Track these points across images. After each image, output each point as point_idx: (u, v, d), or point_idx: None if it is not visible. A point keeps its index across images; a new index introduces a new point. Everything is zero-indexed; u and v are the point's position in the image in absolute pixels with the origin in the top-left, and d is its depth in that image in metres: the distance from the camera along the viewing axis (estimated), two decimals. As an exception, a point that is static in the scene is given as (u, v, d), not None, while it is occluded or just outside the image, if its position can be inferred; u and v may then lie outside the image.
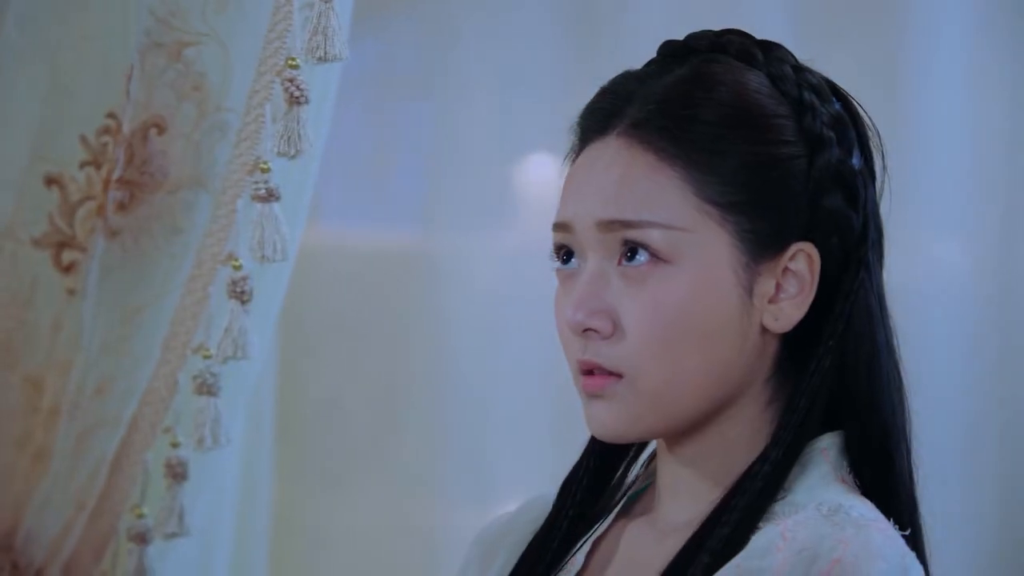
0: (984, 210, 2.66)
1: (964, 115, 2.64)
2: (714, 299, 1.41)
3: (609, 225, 1.42)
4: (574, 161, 1.51)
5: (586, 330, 1.42)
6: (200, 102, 1.99)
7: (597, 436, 1.47)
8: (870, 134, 1.50)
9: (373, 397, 2.60)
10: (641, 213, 1.41)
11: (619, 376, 1.42)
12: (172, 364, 2.07)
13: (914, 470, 1.46)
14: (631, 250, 1.41)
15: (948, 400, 2.60)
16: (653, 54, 2.49)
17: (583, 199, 1.45)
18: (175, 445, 2.09)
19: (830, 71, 1.48)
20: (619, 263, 1.42)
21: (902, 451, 1.46)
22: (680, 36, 2.56)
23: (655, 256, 1.40)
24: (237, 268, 1.98)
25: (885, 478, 1.44)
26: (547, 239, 2.64)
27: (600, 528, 1.55)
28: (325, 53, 1.86)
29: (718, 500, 1.43)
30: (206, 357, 2.03)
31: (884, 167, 1.50)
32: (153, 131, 2.00)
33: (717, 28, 2.55)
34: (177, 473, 2.08)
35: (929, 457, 1.48)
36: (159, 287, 2.05)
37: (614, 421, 1.43)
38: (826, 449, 1.44)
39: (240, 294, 1.98)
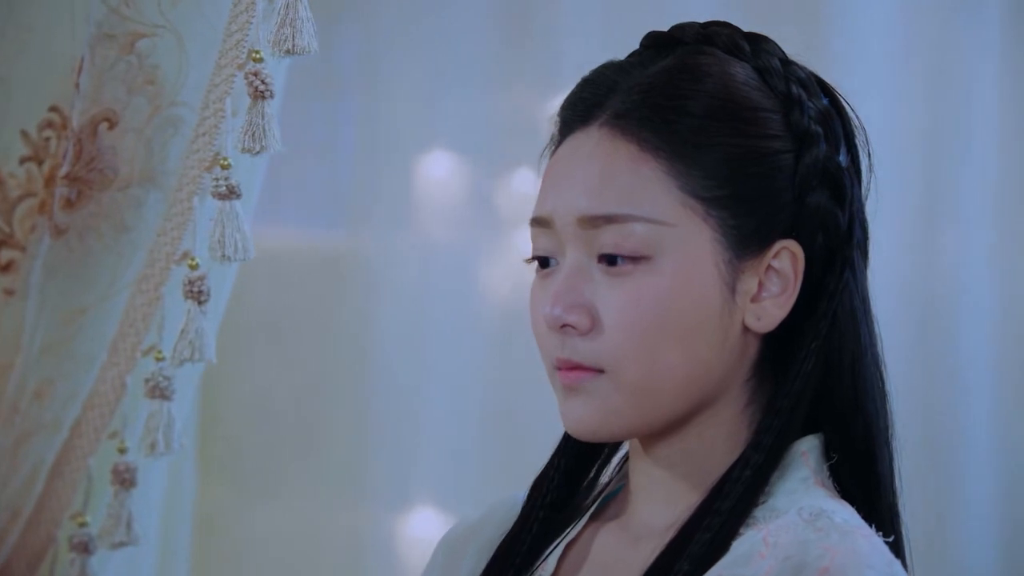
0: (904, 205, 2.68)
1: (884, 112, 2.65)
2: (696, 295, 1.37)
3: (591, 221, 1.38)
4: (554, 153, 1.46)
5: (564, 326, 1.38)
6: (153, 96, 1.93)
7: (572, 433, 1.43)
8: (856, 131, 1.47)
9: (298, 399, 2.55)
10: (623, 206, 1.37)
11: (598, 371, 1.38)
12: (120, 367, 2.00)
13: (895, 477, 1.44)
14: (610, 259, 1.38)
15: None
16: (583, 53, 2.48)
17: (563, 192, 1.41)
18: (122, 450, 2.02)
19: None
20: (599, 261, 1.38)
21: (884, 456, 1.44)
22: (610, 33, 2.57)
23: (633, 257, 1.37)
24: (193, 267, 1.92)
25: (867, 483, 1.42)
26: (468, 238, 2.65)
27: (572, 531, 1.51)
28: (293, 45, 1.80)
29: (696, 504, 1.40)
30: (159, 359, 1.97)
31: (870, 166, 1.48)
32: (103, 126, 1.93)
33: (646, 20, 2.56)
34: (125, 479, 2.01)
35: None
36: (105, 287, 1.98)
37: (590, 417, 1.39)
38: (806, 452, 1.41)
39: (197, 294, 1.91)
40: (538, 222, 1.43)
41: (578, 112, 1.43)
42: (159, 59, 1.92)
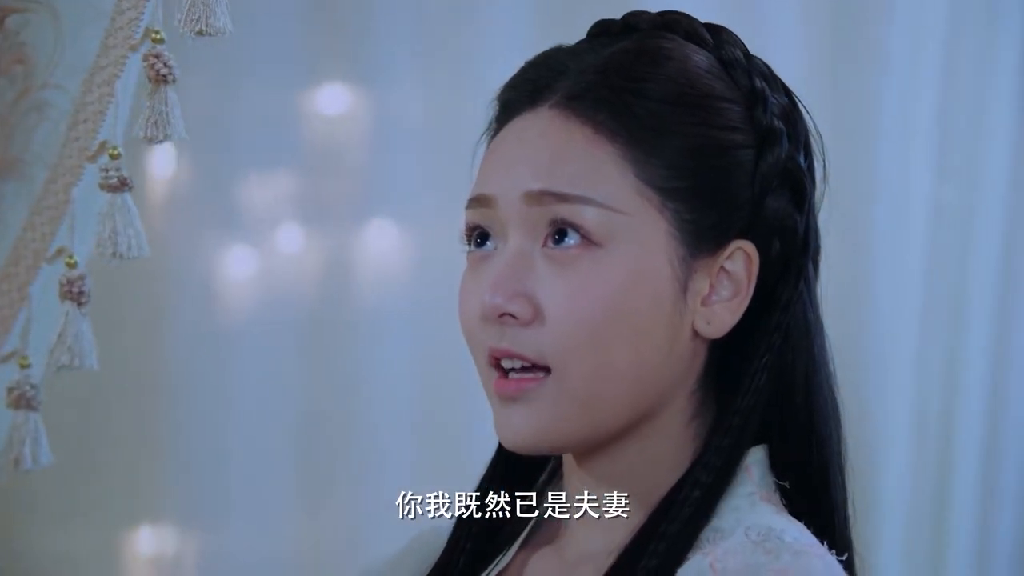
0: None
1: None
2: (648, 290, 1.28)
3: (539, 198, 1.28)
4: (493, 137, 1.37)
5: (503, 315, 1.28)
6: (22, 77, 1.75)
7: (509, 444, 1.32)
8: (812, 136, 1.40)
9: (85, 412, 2.36)
10: (576, 187, 1.27)
11: (543, 370, 1.27)
12: (-30, 375, 1.81)
13: (848, 501, 1.38)
14: (559, 231, 1.28)
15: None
16: (400, 48, 2.37)
17: (508, 171, 1.31)
18: (-27, 468, 1.83)
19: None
20: (544, 244, 1.29)
21: (838, 479, 1.37)
22: (420, 25, 2.49)
23: (586, 239, 1.27)
24: (72, 266, 1.76)
25: (819, 502, 1.35)
26: (274, 236, 2.51)
27: (502, 561, 1.43)
28: (207, 26, 1.67)
29: (637, 527, 1.30)
30: (24, 366, 1.79)
31: (825, 176, 1.40)
32: (-36, 111, 1.75)
33: (451, 21, 2.50)
34: (-23, 500, 1.83)
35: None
36: (-47, 288, 1.79)
37: (531, 425, 1.29)
38: (750, 466, 1.33)
39: (77, 295, 1.75)
40: (478, 201, 1.33)
41: (523, 93, 1.34)
42: (30, 37, 1.75)
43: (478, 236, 1.34)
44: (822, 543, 1.27)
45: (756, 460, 1.33)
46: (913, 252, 2.83)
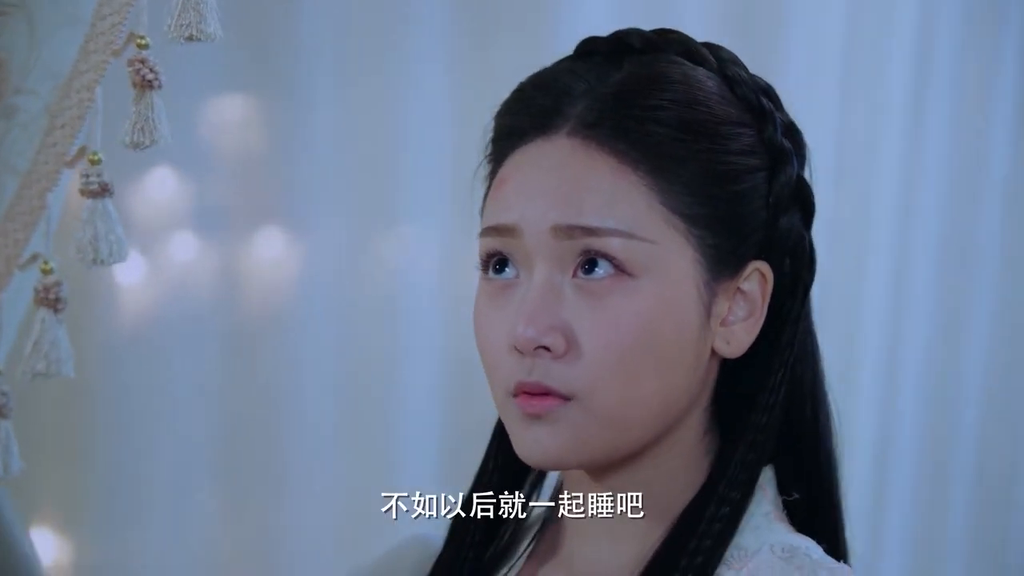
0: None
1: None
2: (678, 319, 1.29)
3: (568, 231, 1.27)
4: (498, 162, 1.36)
5: (537, 348, 1.28)
6: (-5, 82, 1.72)
7: (534, 462, 1.32)
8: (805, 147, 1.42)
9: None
10: (606, 220, 1.27)
11: (566, 399, 1.28)
12: (-61, 383, 1.77)
13: (843, 508, 1.41)
14: (590, 261, 1.28)
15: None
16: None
17: (531, 201, 1.29)
18: (-62, 477, 1.79)
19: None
20: (574, 275, 1.29)
21: (838, 485, 1.41)
22: (335, 40, 2.46)
23: (619, 269, 1.27)
24: (47, 272, 1.73)
25: (827, 515, 1.39)
26: (172, 243, 2.46)
27: (510, 574, 1.44)
28: (198, 31, 1.66)
29: (656, 541, 1.33)
30: (-7, 375, 1.76)
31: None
32: (-64, 116, 1.71)
33: (378, 35, 2.47)
34: (-59, 510, 1.79)
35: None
36: (-82, 296, 1.75)
37: (559, 446, 1.28)
38: (763, 485, 1.35)
39: (53, 301, 1.73)
40: (500, 231, 1.32)
41: (530, 118, 1.33)
42: (5, 41, 1.72)
43: (496, 263, 1.33)
44: (838, 560, 1.31)
45: (767, 479, 1.36)
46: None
